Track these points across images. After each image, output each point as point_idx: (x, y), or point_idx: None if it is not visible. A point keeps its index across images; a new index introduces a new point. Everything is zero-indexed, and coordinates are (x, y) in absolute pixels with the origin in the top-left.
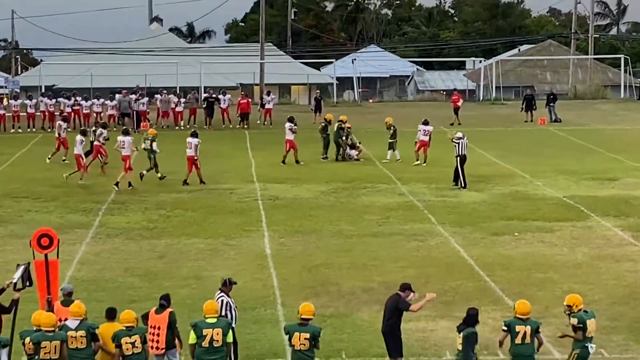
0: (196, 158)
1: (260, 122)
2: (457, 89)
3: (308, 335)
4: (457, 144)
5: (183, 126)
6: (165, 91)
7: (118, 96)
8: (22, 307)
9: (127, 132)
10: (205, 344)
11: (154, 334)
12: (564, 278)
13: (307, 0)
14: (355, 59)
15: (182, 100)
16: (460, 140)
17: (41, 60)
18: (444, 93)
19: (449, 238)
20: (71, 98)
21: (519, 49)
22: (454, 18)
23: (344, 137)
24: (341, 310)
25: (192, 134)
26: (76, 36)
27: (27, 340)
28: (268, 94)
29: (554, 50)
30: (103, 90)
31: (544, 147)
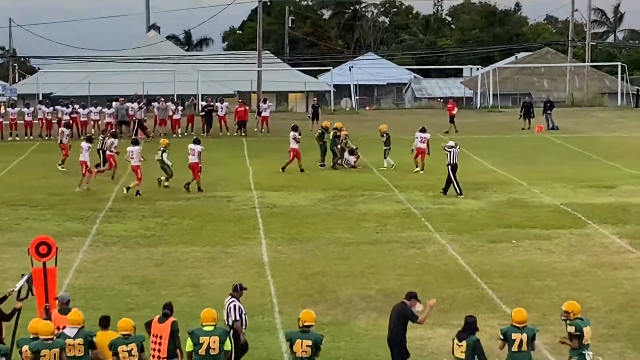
0: (201, 165)
1: (257, 130)
2: (453, 97)
3: (310, 342)
4: (449, 153)
5: (181, 134)
6: (162, 99)
7: (115, 104)
8: (21, 315)
9: (137, 142)
10: (202, 352)
11: (156, 343)
12: (562, 285)
13: (305, 8)
14: (352, 67)
15: (180, 107)
16: (452, 148)
17: (39, 68)
18: (442, 101)
19: (447, 245)
20: (69, 106)
21: (516, 57)
22: (451, 26)
23: (339, 146)
24: (339, 318)
25: (195, 141)
26: (74, 44)
27: (25, 348)
28: (264, 102)
29: (551, 57)
30: (101, 98)
31: (541, 155)
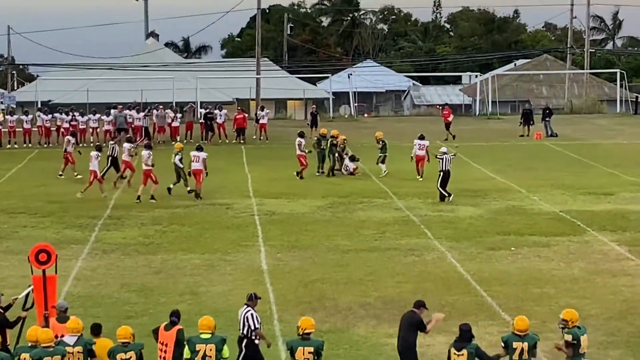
0: (206, 172)
1: (256, 138)
2: (449, 104)
3: (312, 349)
4: (441, 160)
5: (180, 141)
6: (161, 106)
7: (114, 111)
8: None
9: (150, 147)
10: None
11: (162, 351)
12: (561, 293)
13: (304, 15)
14: (351, 74)
15: (179, 115)
16: (444, 155)
17: (37, 75)
18: (440, 108)
19: (446, 253)
20: (69, 113)
21: (515, 64)
22: (450, 33)
23: (336, 154)
24: (338, 325)
25: (198, 148)
26: (72, 52)
27: (25, 356)
28: (262, 109)
29: (550, 64)
30: (99, 105)
31: (540, 162)
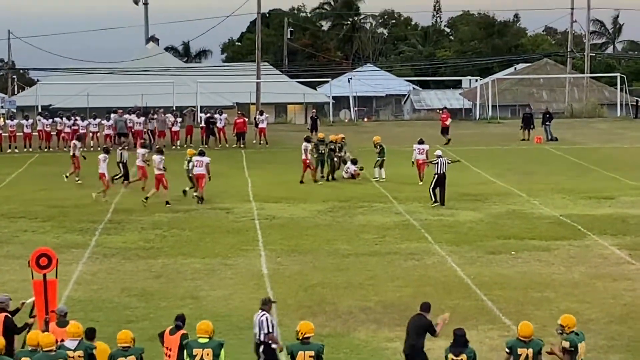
0: (209, 176)
1: (256, 142)
2: (447, 108)
3: (313, 353)
4: (436, 164)
5: (180, 146)
6: (161, 110)
7: (114, 116)
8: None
9: (161, 151)
10: None
11: (167, 355)
12: (561, 297)
13: (304, 19)
14: (351, 78)
15: (179, 119)
16: (439, 158)
17: (38, 80)
18: (440, 111)
19: (446, 257)
20: (71, 118)
21: (515, 68)
22: (450, 37)
23: (335, 158)
24: (338, 329)
25: (200, 153)
26: (73, 56)
27: None
28: (261, 114)
29: (550, 69)
30: (100, 109)
31: (541, 166)
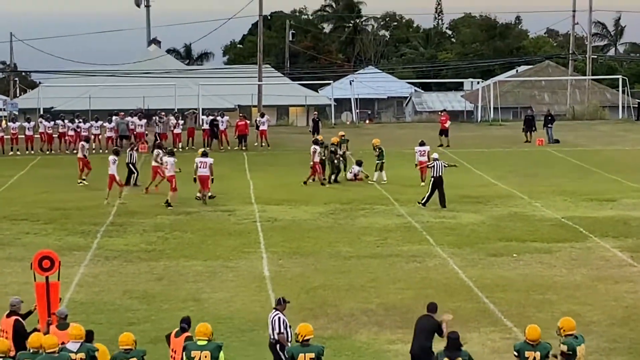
0: (212, 177)
1: (257, 144)
2: (446, 110)
3: (313, 355)
4: (433, 167)
5: (182, 148)
6: (163, 113)
7: (115, 118)
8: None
9: (172, 153)
10: None
11: (172, 357)
12: (563, 299)
13: (305, 22)
14: (353, 80)
15: (181, 122)
16: (435, 161)
17: (40, 82)
18: (441, 114)
19: (448, 259)
20: (74, 121)
21: (517, 70)
22: (452, 39)
23: (335, 161)
24: (340, 332)
25: (203, 154)
26: (74, 58)
27: None
28: (262, 116)
29: (552, 71)
30: (101, 112)
31: (542, 168)
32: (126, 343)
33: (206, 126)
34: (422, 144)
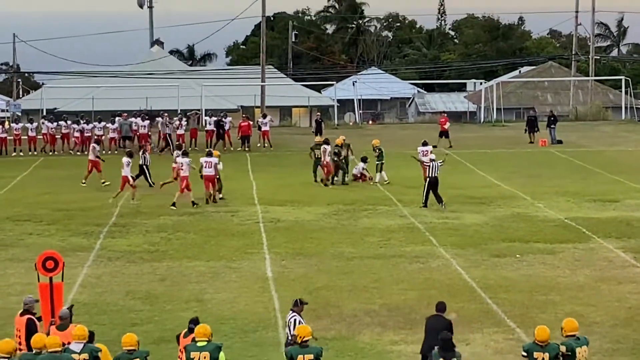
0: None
1: (260, 145)
2: (445, 111)
3: (312, 356)
4: (428, 166)
5: (186, 149)
6: (166, 114)
7: (118, 119)
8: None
9: (186, 154)
10: None
11: (180, 358)
12: (566, 300)
13: (308, 22)
14: (355, 81)
15: (184, 122)
16: (432, 162)
17: (43, 83)
18: (445, 115)
19: (451, 260)
20: (80, 122)
21: (520, 71)
22: (455, 40)
23: (340, 161)
24: (343, 332)
25: (208, 154)
26: (78, 59)
27: None
28: (264, 117)
29: (555, 71)
30: (104, 113)
31: (545, 169)
32: (129, 344)
33: (209, 127)
34: (425, 144)
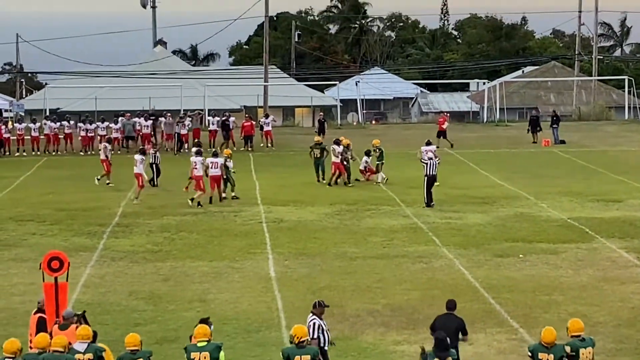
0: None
1: (263, 145)
2: (452, 111)
3: (309, 357)
4: (426, 164)
5: (187, 149)
6: (169, 114)
7: (121, 119)
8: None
9: (200, 153)
10: None
11: None
12: (569, 300)
13: (311, 22)
14: (359, 81)
15: (187, 122)
16: (430, 160)
17: (46, 83)
18: (448, 115)
19: (454, 260)
20: (85, 122)
21: (523, 71)
22: (458, 40)
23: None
24: (346, 332)
25: (214, 154)
26: (81, 59)
27: None
28: (267, 117)
29: (558, 71)
30: (107, 113)
31: (548, 169)
32: (132, 344)
33: (213, 127)
34: (429, 144)
